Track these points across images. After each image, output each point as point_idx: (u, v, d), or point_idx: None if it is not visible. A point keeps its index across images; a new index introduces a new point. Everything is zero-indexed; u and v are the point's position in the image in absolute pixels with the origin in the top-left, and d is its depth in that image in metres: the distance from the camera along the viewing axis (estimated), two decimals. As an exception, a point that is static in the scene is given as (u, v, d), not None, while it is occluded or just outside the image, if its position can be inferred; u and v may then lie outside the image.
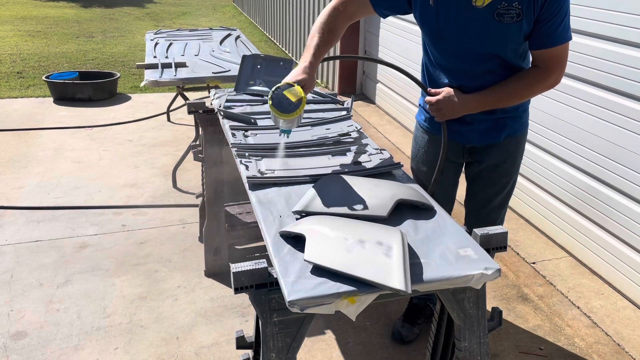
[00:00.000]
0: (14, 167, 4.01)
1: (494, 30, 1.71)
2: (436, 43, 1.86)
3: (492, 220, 2.15)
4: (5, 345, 2.28)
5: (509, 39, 1.73)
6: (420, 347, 2.33)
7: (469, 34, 1.75)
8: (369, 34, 5.69)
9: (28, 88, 5.98)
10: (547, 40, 1.72)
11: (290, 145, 1.89)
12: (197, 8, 12.94)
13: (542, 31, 1.71)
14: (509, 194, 2.14)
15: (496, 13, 1.68)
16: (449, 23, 1.76)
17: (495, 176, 2.06)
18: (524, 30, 1.71)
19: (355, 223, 1.37)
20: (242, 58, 2.59)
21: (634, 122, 2.55)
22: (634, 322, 2.52)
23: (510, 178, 2.08)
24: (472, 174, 2.12)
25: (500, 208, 2.16)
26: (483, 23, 1.71)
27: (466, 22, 1.73)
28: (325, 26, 1.80)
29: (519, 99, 1.87)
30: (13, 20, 10.09)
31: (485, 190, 2.11)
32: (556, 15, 1.68)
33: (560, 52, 1.76)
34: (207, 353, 2.28)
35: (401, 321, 2.41)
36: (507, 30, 1.70)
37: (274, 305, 1.26)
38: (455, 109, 1.87)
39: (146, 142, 4.57)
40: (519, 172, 2.17)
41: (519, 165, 2.09)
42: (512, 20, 1.68)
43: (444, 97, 1.87)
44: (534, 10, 1.67)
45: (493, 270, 1.24)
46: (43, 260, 2.88)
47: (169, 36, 4.40)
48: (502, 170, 2.05)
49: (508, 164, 2.04)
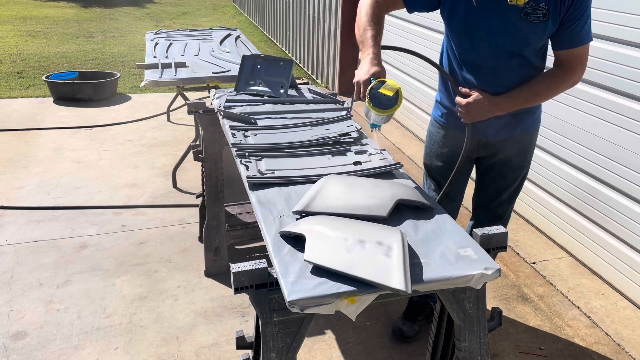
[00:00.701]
0: (14, 167, 4.01)
1: (520, 29, 1.76)
2: (462, 39, 1.90)
3: (500, 214, 2.19)
4: (5, 345, 2.28)
5: (533, 38, 1.79)
6: (420, 347, 2.33)
7: (496, 31, 1.80)
8: (369, 34, 5.68)
9: (28, 88, 5.98)
10: (571, 40, 1.79)
11: (290, 145, 1.89)
12: (197, 8, 12.94)
13: (567, 32, 1.77)
14: (518, 188, 2.17)
15: (524, 12, 1.73)
16: (478, 19, 1.80)
17: (506, 170, 2.10)
18: (548, 30, 1.76)
19: (355, 223, 1.37)
20: (242, 58, 2.59)
21: (634, 122, 2.55)
22: (634, 322, 2.52)
23: (520, 172, 2.12)
24: (484, 167, 2.15)
25: (508, 202, 2.19)
26: (511, 21, 1.76)
27: (494, 19, 1.77)
28: (374, 17, 1.87)
29: (544, 98, 1.92)
30: (13, 20, 10.09)
31: (495, 183, 2.14)
32: (581, 16, 1.74)
33: (582, 52, 1.83)
34: (207, 353, 2.28)
35: (401, 319, 2.42)
36: (533, 29, 1.76)
37: (274, 305, 1.26)
38: (484, 110, 1.90)
39: (146, 142, 4.57)
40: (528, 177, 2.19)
41: (529, 160, 2.13)
42: (538, 20, 1.73)
43: (475, 99, 1.89)
44: (560, 11, 1.72)
45: (493, 270, 1.24)
46: (43, 260, 2.88)
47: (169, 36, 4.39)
48: (513, 165, 2.09)
49: (520, 158, 2.08)
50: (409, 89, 4.82)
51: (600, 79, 2.72)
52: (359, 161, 1.80)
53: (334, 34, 5.95)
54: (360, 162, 1.79)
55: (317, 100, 2.42)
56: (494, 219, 2.19)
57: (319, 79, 6.55)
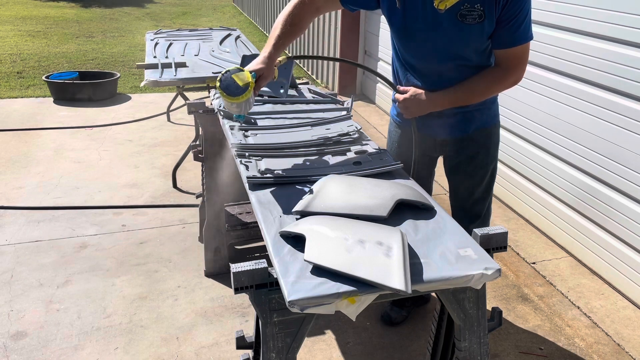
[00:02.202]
0: (14, 167, 4.01)
1: (457, 31, 1.77)
2: (403, 41, 1.92)
3: (477, 212, 2.21)
4: (5, 345, 2.28)
5: (471, 39, 1.79)
6: (420, 347, 2.33)
7: (434, 34, 1.80)
8: (369, 33, 5.69)
9: (28, 88, 5.98)
10: (508, 40, 1.79)
11: (290, 145, 1.89)
12: (197, 8, 12.94)
13: (503, 31, 1.77)
14: (489, 185, 2.18)
15: (459, 14, 1.74)
16: (415, 22, 1.81)
17: (471, 169, 2.11)
18: (486, 31, 1.77)
19: (355, 223, 1.37)
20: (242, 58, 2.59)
21: (634, 122, 2.55)
22: (634, 322, 2.52)
23: (486, 169, 2.13)
24: (449, 167, 2.18)
25: (483, 200, 2.21)
26: (447, 23, 1.77)
27: (431, 22, 1.78)
28: (289, 18, 1.83)
29: (481, 96, 1.94)
30: (13, 20, 10.09)
31: (464, 183, 2.17)
32: (517, 16, 1.74)
33: (520, 52, 1.82)
34: (207, 353, 2.28)
35: (390, 304, 2.48)
36: (470, 31, 1.76)
37: (274, 305, 1.26)
38: (421, 106, 1.93)
39: (146, 142, 4.57)
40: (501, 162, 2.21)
41: (494, 156, 2.14)
42: (474, 21, 1.74)
43: (411, 95, 1.94)
44: (495, 11, 1.72)
45: (493, 270, 1.24)
46: (43, 260, 2.88)
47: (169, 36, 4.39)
48: (477, 162, 2.10)
49: (482, 155, 2.09)
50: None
51: (600, 79, 2.72)
52: (359, 161, 1.80)
53: (334, 34, 5.95)
54: (360, 162, 1.79)
55: (317, 100, 2.42)
56: (472, 219, 2.21)
57: (319, 79, 6.55)
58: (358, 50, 5.82)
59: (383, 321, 2.46)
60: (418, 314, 2.53)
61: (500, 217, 3.44)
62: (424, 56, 1.89)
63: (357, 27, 5.72)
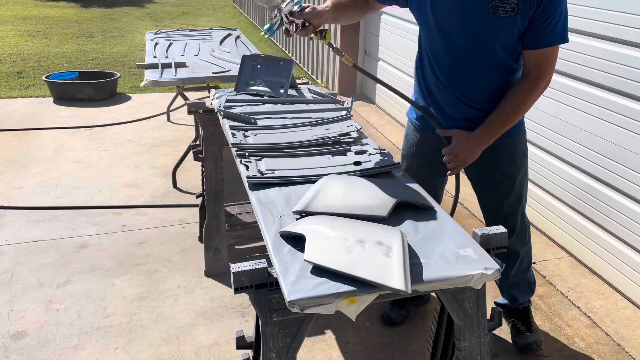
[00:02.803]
0: (14, 167, 4.01)
1: (488, 23, 1.72)
2: (431, 36, 1.87)
3: (510, 227, 2.11)
4: (5, 345, 2.28)
5: (501, 33, 1.74)
6: (420, 347, 2.33)
7: (463, 26, 1.76)
8: (369, 34, 5.69)
9: (28, 88, 5.98)
10: (538, 40, 1.74)
11: (290, 145, 1.89)
12: (197, 8, 12.93)
13: (535, 31, 1.72)
14: (519, 198, 2.09)
15: (491, 5, 1.69)
16: (444, 14, 1.77)
17: (497, 179, 2.04)
18: (517, 26, 1.72)
19: (355, 223, 1.37)
20: (242, 58, 2.59)
21: (634, 122, 2.55)
22: (634, 322, 2.52)
23: (513, 180, 2.04)
24: (474, 178, 2.11)
25: (514, 213, 2.11)
26: (477, 15, 1.72)
27: (461, 13, 1.74)
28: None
29: (520, 112, 1.87)
30: (13, 20, 10.09)
31: (492, 194, 2.09)
32: (551, 16, 1.69)
33: (549, 55, 1.77)
34: (207, 353, 2.28)
35: (390, 304, 2.46)
36: (501, 24, 1.71)
37: (274, 305, 1.26)
38: (470, 148, 1.85)
39: (146, 142, 4.57)
40: (529, 178, 2.14)
41: (520, 166, 2.05)
42: (506, 14, 1.69)
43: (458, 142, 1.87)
44: (529, 7, 1.67)
45: (493, 270, 1.24)
46: (43, 260, 2.88)
47: (169, 36, 4.40)
48: (503, 172, 2.02)
49: (508, 164, 2.01)
50: (409, 89, 4.82)
51: (600, 79, 2.72)
52: (359, 161, 1.80)
53: (334, 34, 5.95)
54: (360, 162, 1.79)
55: (317, 100, 2.42)
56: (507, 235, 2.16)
57: (319, 79, 6.55)
58: (358, 50, 5.82)
59: (383, 321, 2.46)
60: (418, 314, 2.53)
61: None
62: (452, 52, 1.83)
63: (357, 27, 5.72)
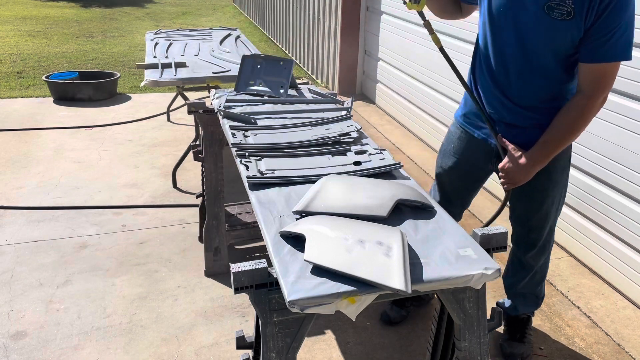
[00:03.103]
0: (14, 167, 4.01)
1: (541, 24, 1.67)
2: (484, 30, 1.84)
3: (532, 241, 2.09)
4: (5, 345, 2.28)
5: (555, 37, 1.67)
6: (420, 347, 2.33)
7: (513, 23, 1.73)
8: (369, 33, 5.69)
9: (28, 88, 5.98)
10: (597, 53, 1.64)
11: (290, 145, 1.89)
12: (197, 8, 12.93)
13: (593, 43, 1.63)
14: (548, 214, 2.02)
15: (547, 6, 1.64)
16: (499, 9, 1.75)
17: (529, 190, 1.96)
18: (571, 33, 1.64)
19: (355, 223, 1.37)
20: (242, 58, 2.59)
21: (634, 122, 2.55)
22: (634, 322, 2.52)
23: (545, 195, 1.97)
24: None
25: (540, 229, 2.06)
26: (531, 13, 1.68)
27: (514, 9, 1.71)
28: None
29: (576, 131, 1.77)
30: (13, 20, 10.08)
31: (521, 203, 2.04)
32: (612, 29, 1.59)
33: (607, 71, 1.67)
34: (207, 353, 2.28)
35: (390, 304, 2.46)
36: (555, 27, 1.65)
37: (274, 305, 1.26)
38: (523, 168, 1.82)
39: (146, 142, 4.57)
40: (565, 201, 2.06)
41: (557, 182, 1.97)
42: (561, 17, 1.63)
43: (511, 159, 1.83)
44: (587, 14, 1.59)
45: (493, 270, 1.24)
46: (43, 260, 2.88)
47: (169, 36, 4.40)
48: (537, 185, 1.92)
49: (543, 177, 1.91)
50: (409, 89, 4.83)
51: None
52: (359, 161, 1.80)
53: (334, 34, 5.95)
54: (360, 162, 1.79)
55: (317, 100, 2.42)
56: (526, 248, 2.11)
57: (319, 79, 6.55)
58: (358, 50, 5.82)
59: (383, 321, 2.46)
60: (418, 314, 2.53)
61: (500, 217, 3.43)
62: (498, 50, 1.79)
63: (357, 27, 5.72)
